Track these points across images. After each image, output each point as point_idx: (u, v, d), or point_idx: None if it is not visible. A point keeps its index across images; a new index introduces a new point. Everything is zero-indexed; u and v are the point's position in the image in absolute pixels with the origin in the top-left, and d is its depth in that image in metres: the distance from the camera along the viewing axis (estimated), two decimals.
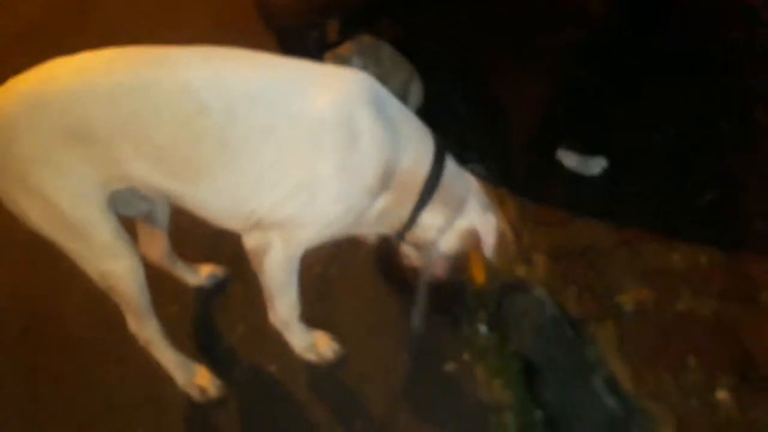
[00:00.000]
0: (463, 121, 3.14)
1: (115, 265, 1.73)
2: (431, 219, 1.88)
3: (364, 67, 3.01)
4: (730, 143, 2.60)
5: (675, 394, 1.82)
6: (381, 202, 1.81)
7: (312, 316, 2.08)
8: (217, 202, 1.68)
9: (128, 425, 2.02)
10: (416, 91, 3.22)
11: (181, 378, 2.03)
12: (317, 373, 2.10)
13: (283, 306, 1.92)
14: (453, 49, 3.70)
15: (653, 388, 1.84)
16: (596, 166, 2.64)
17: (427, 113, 3.04)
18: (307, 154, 1.63)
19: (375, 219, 1.85)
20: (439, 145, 1.85)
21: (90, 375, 2.17)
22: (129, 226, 1.95)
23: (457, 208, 1.89)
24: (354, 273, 2.42)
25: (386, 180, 1.76)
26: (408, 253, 2.10)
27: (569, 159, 2.70)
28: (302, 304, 1.98)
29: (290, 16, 3.39)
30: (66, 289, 2.30)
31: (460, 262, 2.09)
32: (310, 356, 2.08)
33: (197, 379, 2.04)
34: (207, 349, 2.22)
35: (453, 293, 2.30)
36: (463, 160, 2.78)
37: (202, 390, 2.03)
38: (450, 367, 2.08)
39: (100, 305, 1.90)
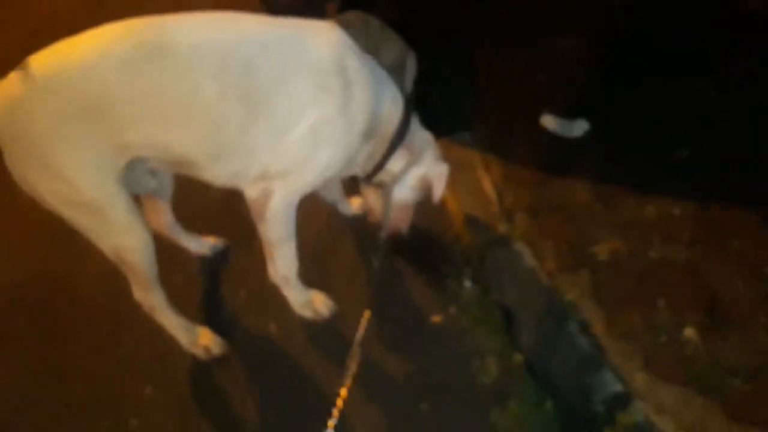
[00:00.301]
0: (454, 92, 3.23)
1: (128, 240, 1.81)
2: (396, 165, 2.05)
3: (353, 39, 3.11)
4: (707, 102, 2.68)
5: (644, 333, 1.91)
6: (368, 149, 1.96)
7: (308, 280, 2.20)
8: (231, 157, 1.76)
9: (139, 382, 2.16)
10: (411, 64, 3.31)
11: (185, 340, 2.15)
12: (313, 331, 2.22)
13: (283, 259, 2.03)
14: (447, 26, 3.79)
15: (624, 329, 1.93)
16: (578, 129, 2.73)
17: (420, 84, 3.17)
18: (313, 98, 1.75)
19: (359, 163, 2.01)
20: (407, 99, 2.02)
21: (103, 338, 2.31)
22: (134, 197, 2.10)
23: (416, 157, 2.06)
24: (346, 239, 2.55)
25: (373, 126, 1.90)
26: (373, 204, 2.24)
27: (552, 123, 2.79)
28: (299, 265, 2.11)
29: None
30: (80, 262, 2.44)
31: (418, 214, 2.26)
32: (307, 313, 2.20)
33: (201, 340, 2.17)
34: (211, 314, 2.35)
35: (440, 253, 2.42)
36: (453, 128, 2.90)
37: (206, 349, 2.16)
38: (437, 319, 2.19)
39: (112, 276, 2.01)
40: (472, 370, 2.01)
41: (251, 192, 1.86)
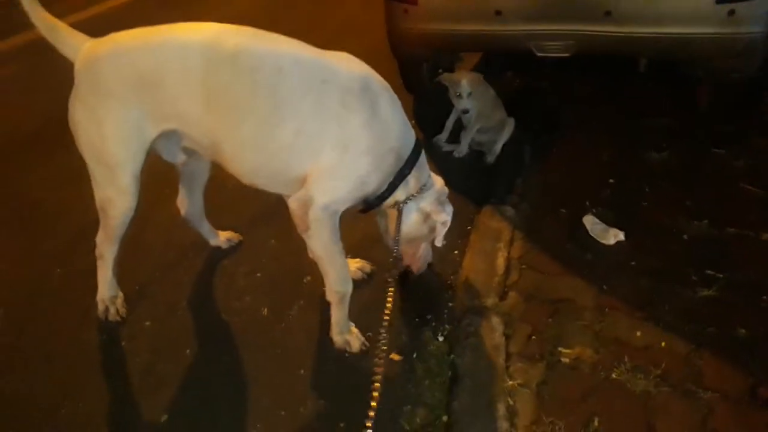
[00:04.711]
0: (520, 164, 3.19)
1: (118, 199, 2.01)
2: (401, 194, 2.06)
3: (469, 94, 3.20)
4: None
5: None
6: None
7: None
8: (255, 151, 1.86)
9: None
10: (508, 130, 3.37)
11: (105, 293, 2.28)
12: (300, 320, 2.30)
13: (334, 274, 2.02)
14: (553, 107, 3.76)
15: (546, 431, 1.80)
16: (612, 237, 2.56)
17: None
18: (337, 111, 1.84)
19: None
20: (417, 139, 2.07)
21: None
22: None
23: (416, 190, 2.07)
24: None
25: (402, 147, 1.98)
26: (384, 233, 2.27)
27: (592, 224, 2.64)
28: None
29: (411, 50, 3.65)
30: None
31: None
32: (339, 340, 2.14)
33: (117, 300, 2.30)
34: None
35: (432, 301, 2.38)
36: (500, 200, 2.86)
37: (108, 309, 2.28)
38: (396, 357, 2.15)
39: None
40: (400, 413, 1.95)
41: (292, 204, 1.93)
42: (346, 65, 1.92)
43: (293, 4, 5.92)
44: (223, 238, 2.68)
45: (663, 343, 2.06)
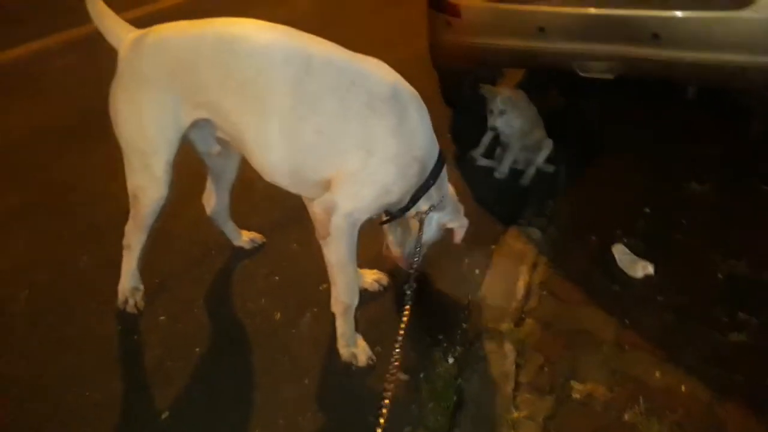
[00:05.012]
0: (553, 185, 3.10)
1: (150, 187, 2.02)
2: (425, 202, 2.04)
3: (502, 111, 3.13)
4: None
5: None
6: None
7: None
8: (278, 143, 1.83)
9: None
10: (545, 151, 3.28)
11: (127, 284, 2.28)
12: (310, 328, 2.28)
13: (344, 284, 1.99)
14: (595, 128, 3.65)
15: None
16: (641, 269, 2.44)
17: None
18: (364, 114, 1.82)
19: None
20: (440, 150, 2.03)
21: None
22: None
23: (437, 201, 2.06)
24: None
25: (427, 158, 1.95)
26: (393, 242, 2.25)
27: (621, 254, 2.53)
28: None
29: (452, 62, 3.60)
30: None
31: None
32: (345, 352, 2.09)
33: (138, 294, 2.30)
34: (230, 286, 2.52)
35: (446, 321, 2.32)
36: (528, 221, 2.77)
37: (128, 301, 2.28)
38: (403, 377, 2.09)
39: None
40: None
41: (316, 207, 1.90)
42: (377, 70, 1.89)
43: (335, 14, 5.93)
44: (246, 238, 2.68)
45: (683, 387, 1.94)
